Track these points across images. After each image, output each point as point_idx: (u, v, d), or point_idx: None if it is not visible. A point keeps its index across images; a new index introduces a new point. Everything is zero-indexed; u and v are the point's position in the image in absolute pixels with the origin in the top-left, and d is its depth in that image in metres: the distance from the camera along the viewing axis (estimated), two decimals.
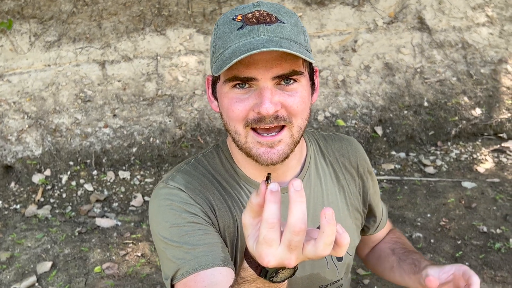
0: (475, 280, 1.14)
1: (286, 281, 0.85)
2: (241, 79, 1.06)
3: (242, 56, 0.99)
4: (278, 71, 1.05)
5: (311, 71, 1.16)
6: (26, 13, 4.04)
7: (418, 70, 4.51)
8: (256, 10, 1.08)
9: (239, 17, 1.08)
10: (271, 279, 0.81)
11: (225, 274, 1.07)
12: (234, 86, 1.08)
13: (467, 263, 3.11)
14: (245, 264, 0.84)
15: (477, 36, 4.73)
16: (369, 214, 1.46)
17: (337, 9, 4.57)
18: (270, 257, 0.75)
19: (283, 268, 0.81)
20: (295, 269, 0.83)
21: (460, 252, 3.18)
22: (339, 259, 1.32)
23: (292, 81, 1.08)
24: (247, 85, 1.07)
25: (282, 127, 1.10)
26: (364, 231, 1.49)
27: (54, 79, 4.03)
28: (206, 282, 1.06)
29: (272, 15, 1.07)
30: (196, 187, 1.20)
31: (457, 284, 1.18)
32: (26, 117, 3.89)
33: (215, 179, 1.24)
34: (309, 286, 1.31)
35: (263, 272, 0.81)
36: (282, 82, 1.07)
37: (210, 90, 1.21)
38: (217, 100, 1.18)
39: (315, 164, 1.31)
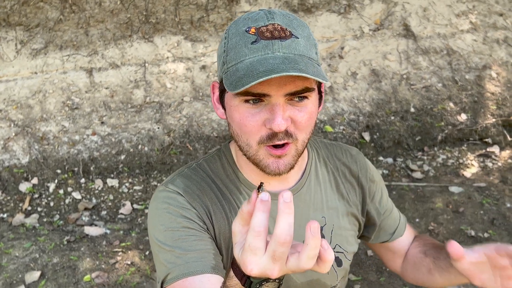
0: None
1: None
2: (253, 95, 1.06)
3: (262, 79, 0.98)
4: (291, 89, 1.05)
5: (319, 84, 1.17)
6: (12, 21, 4.01)
7: (404, 76, 4.56)
8: (270, 24, 1.07)
9: (253, 30, 1.07)
10: None
11: (214, 282, 1.07)
12: (246, 101, 1.08)
13: None
14: (231, 273, 0.84)
15: (462, 42, 4.80)
16: (384, 222, 1.44)
17: (324, 17, 4.61)
18: (253, 265, 0.75)
19: (267, 281, 0.81)
20: (279, 283, 0.83)
21: None
22: (339, 264, 1.33)
23: (303, 99, 1.08)
24: (259, 101, 1.08)
25: (288, 143, 1.11)
26: (380, 237, 1.47)
27: (41, 86, 4.00)
28: None
29: (286, 29, 1.07)
30: (194, 192, 1.20)
31: (494, 262, 1.12)
32: (12, 125, 3.85)
33: (214, 184, 1.24)
34: None
35: (247, 282, 0.81)
36: (295, 99, 1.08)
37: (216, 96, 1.20)
38: (223, 108, 1.18)
39: (316, 171, 1.32)
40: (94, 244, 3.28)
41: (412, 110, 4.42)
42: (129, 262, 3.13)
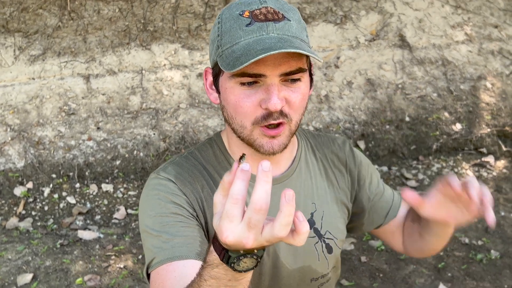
0: (454, 181, 1.09)
1: (249, 276, 0.85)
2: (250, 75, 1.08)
3: (261, 56, 1.00)
4: (286, 69, 1.08)
5: (309, 66, 1.20)
6: (11, 27, 4.05)
7: (400, 86, 4.59)
8: (263, 7, 1.10)
9: (247, 13, 1.09)
10: (232, 265, 0.81)
11: (197, 267, 1.08)
12: (241, 84, 1.10)
13: (449, 274, 3.14)
14: (211, 248, 0.85)
15: (457, 53, 4.84)
16: (376, 205, 1.44)
17: (320, 27, 4.66)
18: (229, 232, 0.76)
19: (245, 256, 0.81)
20: (257, 260, 0.83)
21: (443, 263, 3.21)
22: (329, 251, 1.33)
23: (296, 80, 1.11)
24: (254, 83, 1.10)
25: (283, 123, 1.13)
26: (374, 223, 1.46)
27: (38, 92, 4.03)
28: (177, 272, 1.07)
29: (279, 12, 1.10)
30: (186, 178, 1.21)
31: (450, 196, 1.12)
32: (9, 129, 3.87)
33: (206, 171, 1.25)
34: (301, 279, 1.31)
35: (225, 257, 0.81)
36: (288, 80, 1.10)
37: (209, 81, 1.22)
38: (218, 92, 1.19)
39: (305, 159, 1.34)
40: (87, 248, 3.28)
41: (407, 119, 4.45)
42: (121, 266, 3.13)
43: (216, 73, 1.17)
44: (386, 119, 4.41)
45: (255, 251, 0.81)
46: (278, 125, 1.12)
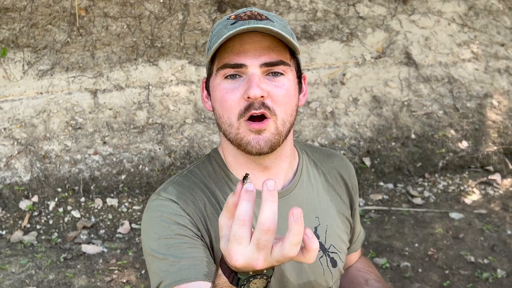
0: None
1: None
2: (231, 66, 1.12)
3: (229, 33, 1.07)
4: (266, 59, 1.11)
5: (299, 70, 1.23)
6: (21, 42, 4.10)
7: (405, 103, 4.59)
8: (249, 11, 1.16)
9: (233, 16, 1.15)
10: (242, 287, 0.81)
11: None
12: (225, 77, 1.14)
13: None
14: (220, 271, 0.84)
15: (463, 71, 4.84)
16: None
17: (326, 44, 4.68)
18: (238, 255, 0.75)
19: (254, 277, 0.80)
20: (267, 280, 0.82)
21: (448, 282, 3.17)
22: (334, 264, 1.32)
23: (279, 74, 1.14)
24: (237, 76, 1.13)
25: (267, 118, 1.14)
26: None
27: (45, 106, 4.06)
28: None
29: (263, 15, 1.15)
30: (188, 198, 1.20)
31: None
32: (16, 143, 3.90)
33: (207, 188, 1.24)
34: None
35: (235, 279, 0.81)
36: (270, 74, 1.13)
37: (205, 92, 1.26)
38: (210, 97, 1.23)
39: (307, 172, 1.34)
40: (90, 262, 3.28)
41: (413, 136, 4.44)
42: (124, 280, 3.12)
43: (208, 76, 1.22)
44: (392, 136, 4.40)
45: (265, 271, 0.80)
46: (262, 118, 1.13)
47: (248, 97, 1.10)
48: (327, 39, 4.69)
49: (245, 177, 0.79)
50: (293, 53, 1.18)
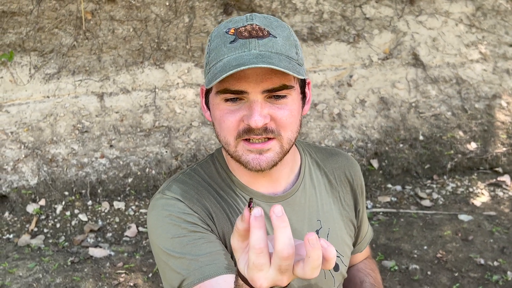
0: None
1: None
2: (232, 92, 1.08)
3: (230, 72, 1.01)
4: (268, 85, 1.07)
5: (303, 83, 1.18)
6: (27, 46, 4.11)
7: (413, 104, 4.56)
8: (248, 24, 1.10)
9: (232, 31, 1.10)
10: None
11: (230, 281, 1.07)
12: (226, 100, 1.10)
13: None
14: (240, 281, 0.85)
15: (471, 72, 4.80)
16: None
17: (333, 46, 4.66)
18: (262, 280, 0.76)
19: None
20: None
21: (457, 284, 3.14)
22: (336, 268, 1.31)
23: (282, 97, 1.09)
24: (238, 99, 1.09)
25: (271, 138, 1.11)
26: None
27: (52, 110, 4.07)
28: None
29: (264, 29, 1.09)
30: (193, 196, 1.19)
31: None
32: (23, 147, 3.90)
33: (211, 187, 1.24)
34: None
35: None
36: (273, 97, 1.09)
37: (204, 100, 1.23)
38: (209, 111, 1.20)
39: (310, 174, 1.32)
40: (97, 265, 3.27)
41: (421, 138, 4.40)
42: (131, 284, 3.11)
43: (207, 90, 1.18)
44: (399, 137, 4.37)
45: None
46: (266, 141, 1.10)
47: (248, 125, 1.08)
48: (334, 40, 4.67)
49: (250, 201, 0.79)
50: None
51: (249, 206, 0.78)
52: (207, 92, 1.19)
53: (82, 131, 4.03)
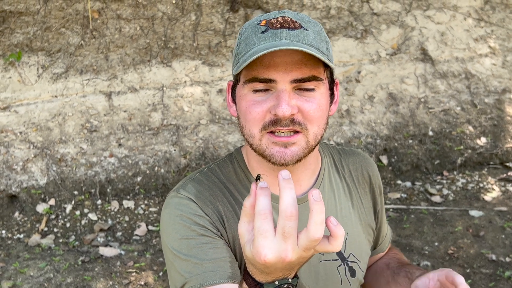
0: (459, 280, 1.10)
1: None
2: (260, 80, 1.06)
3: (260, 53, 1.00)
4: (298, 75, 1.05)
5: (332, 81, 1.16)
6: (35, 46, 4.12)
7: (422, 100, 4.53)
8: (280, 16, 1.09)
9: (264, 22, 1.09)
10: None
11: None
12: (254, 91, 1.08)
13: None
14: (244, 284, 0.85)
15: (480, 66, 4.76)
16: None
17: (341, 41, 4.64)
18: (266, 249, 0.76)
19: (280, 286, 0.82)
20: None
21: (469, 281, 3.12)
22: (352, 274, 1.28)
23: (311, 90, 1.08)
24: (266, 90, 1.08)
25: (298, 132, 1.09)
26: None
27: (60, 109, 4.07)
28: None
29: (296, 21, 1.08)
30: (206, 197, 1.18)
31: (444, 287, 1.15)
32: (32, 147, 3.91)
33: (226, 188, 1.22)
34: None
35: None
36: (302, 89, 1.07)
37: (230, 95, 1.21)
38: (234, 103, 1.18)
39: (329, 177, 1.29)
40: (108, 264, 3.27)
41: (431, 133, 4.38)
42: (142, 283, 3.11)
43: (234, 83, 1.17)
44: (409, 133, 4.34)
45: (290, 280, 0.82)
46: (292, 134, 1.08)
47: (276, 114, 1.05)
48: (341, 36, 4.65)
49: (258, 177, 0.82)
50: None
51: (256, 180, 0.81)
52: (234, 86, 1.18)
53: (90, 130, 4.03)
